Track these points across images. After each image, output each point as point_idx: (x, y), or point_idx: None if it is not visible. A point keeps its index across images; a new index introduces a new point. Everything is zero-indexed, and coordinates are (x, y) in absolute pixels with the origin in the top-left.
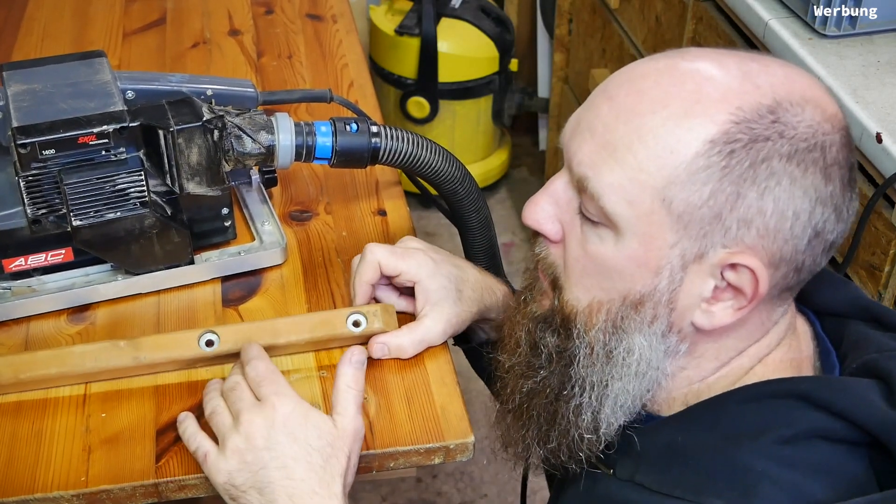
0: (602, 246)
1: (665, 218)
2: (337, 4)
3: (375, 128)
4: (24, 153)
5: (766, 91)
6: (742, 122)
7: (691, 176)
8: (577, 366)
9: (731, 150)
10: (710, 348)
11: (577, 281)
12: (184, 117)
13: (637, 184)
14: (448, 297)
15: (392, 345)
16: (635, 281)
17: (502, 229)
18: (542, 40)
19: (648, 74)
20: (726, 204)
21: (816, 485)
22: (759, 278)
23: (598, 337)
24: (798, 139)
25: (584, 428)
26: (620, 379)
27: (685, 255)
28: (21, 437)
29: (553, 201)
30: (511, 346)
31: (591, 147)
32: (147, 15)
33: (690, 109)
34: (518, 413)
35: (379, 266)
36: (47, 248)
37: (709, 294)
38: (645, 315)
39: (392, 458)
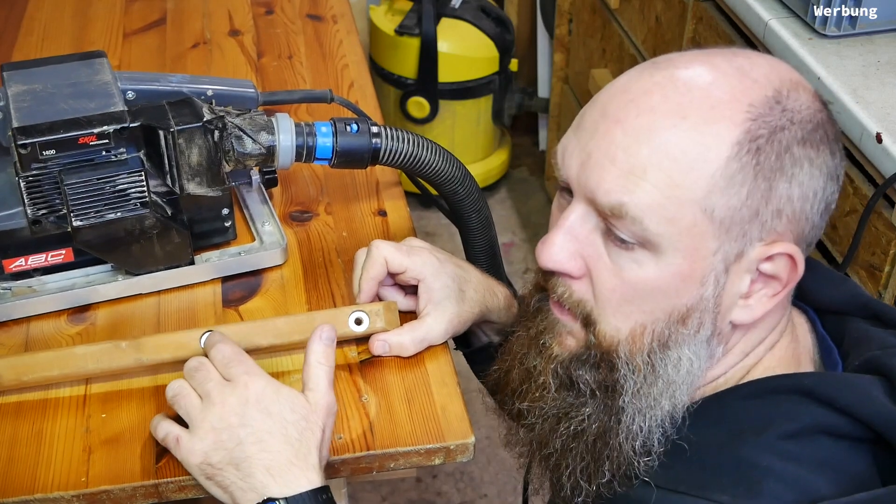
0: (641, 270)
1: (708, 227)
2: (337, 5)
3: (376, 128)
4: (25, 153)
5: (764, 83)
6: (759, 118)
7: (729, 180)
8: (626, 395)
9: (757, 147)
10: (739, 342)
11: (615, 311)
12: (184, 118)
13: (675, 200)
14: (451, 296)
15: (393, 342)
16: (681, 295)
17: (502, 229)
18: (542, 40)
19: (652, 90)
20: (762, 199)
21: (820, 480)
22: (797, 261)
23: (646, 359)
24: (805, 122)
25: (638, 452)
26: (670, 396)
27: (727, 259)
28: (21, 437)
29: (571, 237)
30: (534, 392)
31: (617, 174)
32: (147, 15)
33: (708, 116)
34: (562, 455)
35: (385, 262)
36: (48, 248)
37: (746, 289)
38: (692, 326)
39: (392, 458)
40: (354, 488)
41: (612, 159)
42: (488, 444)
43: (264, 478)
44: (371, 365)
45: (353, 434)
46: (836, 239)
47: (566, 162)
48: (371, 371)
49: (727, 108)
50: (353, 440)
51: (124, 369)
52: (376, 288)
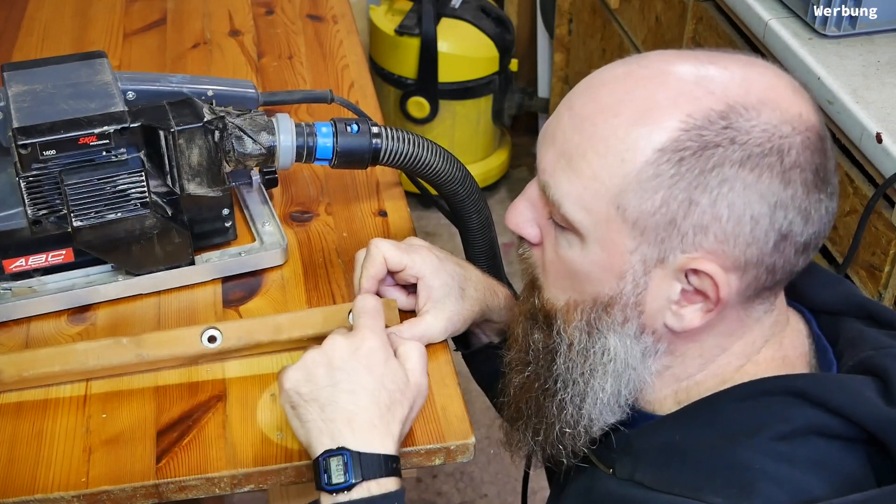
0: (570, 251)
1: (622, 225)
2: (337, 5)
3: (376, 129)
4: (25, 154)
5: (720, 96)
6: (692, 130)
7: (642, 184)
8: (559, 361)
9: (680, 158)
10: (691, 347)
11: (553, 282)
12: (185, 118)
13: (592, 192)
14: (451, 294)
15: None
16: (602, 284)
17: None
18: (542, 40)
19: (606, 82)
20: (679, 210)
21: (814, 481)
22: (718, 283)
23: (576, 335)
24: (752, 144)
25: (565, 423)
26: (599, 377)
27: (646, 261)
28: (21, 437)
29: (531, 205)
30: (511, 341)
31: (552, 155)
32: (147, 15)
33: (641, 117)
34: (513, 407)
35: (384, 260)
36: (48, 248)
37: (676, 297)
38: (616, 317)
39: None
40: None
41: (554, 140)
42: (488, 444)
43: (343, 427)
44: None
45: None
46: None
47: (541, 131)
48: None
49: (663, 112)
50: None
51: (125, 366)
52: (376, 286)
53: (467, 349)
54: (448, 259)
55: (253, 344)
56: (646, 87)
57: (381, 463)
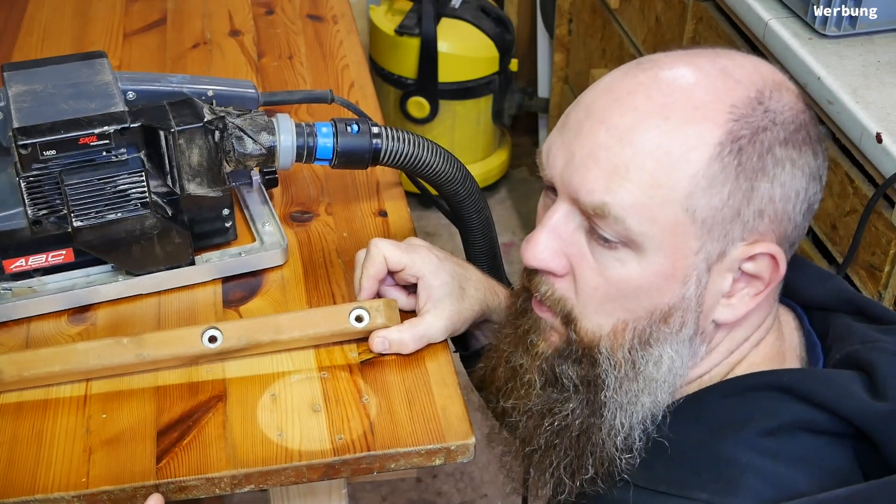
0: (624, 269)
1: (689, 227)
2: (337, 5)
3: (376, 129)
4: (25, 154)
5: (747, 84)
6: (741, 119)
7: (711, 180)
8: (608, 390)
9: (739, 148)
10: (723, 341)
11: (596, 308)
12: (185, 118)
13: (657, 200)
14: (451, 293)
15: (393, 339)
16: (663, 294)
17: (502, 229)
18: (542, 40)
19: (636, 90)
20: (743, 200)
21: (800, 476)
22: (779, 261)
23: (626, 356)
24: (787, 123)
25: (619, 449)
26: (650, 392)
27: (709, 258)
28: (21, 438)
29: (555, 236)
30: (519, 389)
31: (599, 174)
32: (147, 15)
33: (691, 116)
34: (546, 452)
35: (385, 260)
36: (48, 248)
37: (728, 288)
38: (674, 324)
39: (393, 459)
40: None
41: (596, 159)
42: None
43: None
44: (371, 365)
45: (354, 434)
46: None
47: (550, 161)
48: (372, 372)
49: (710, 108)
50: (354, 441)
51: (126, 365)
52: (377, 286)
53: (466, 351)
54: (448, 259)
55: (253, 344)
56: (679, 88)
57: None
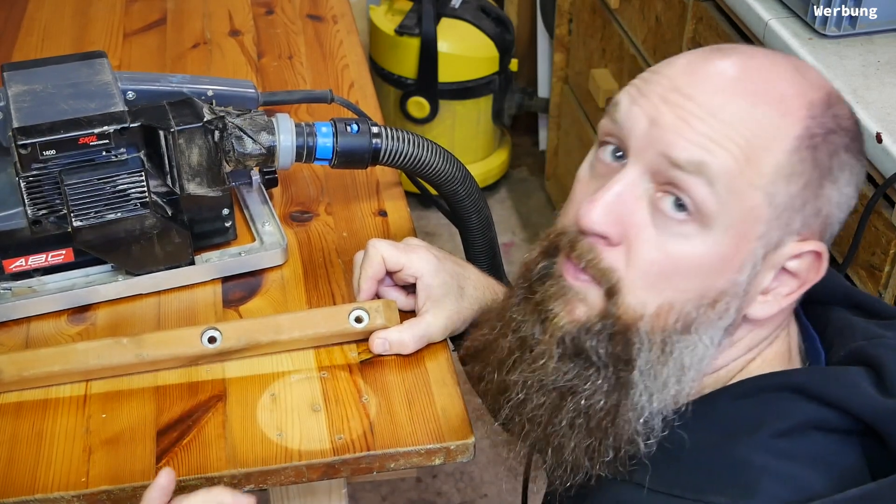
0: (687, 244)
1: (764, 211)
2: (337, 5)
3: (376, 128)
4: (25, 154)
5: (818, 86)
6: (816, 118)
7: (794, 169)
8: (638, 371)
9: (815, 145)
10: (745, 337)
11: (647, 285)
12: (184, 118)
13: (746, 177)
14: (450, 293)
15: (393, 339)
16: (719, 277)
17: (502, 229)
18: (542, 40)
19: (724, 72)
20: (811, 195)
21: (815, 476)
22: (823, 260)
23: (663, 338)
24: (848, 129)
25: (641, 433)
26: (677, 380)
27: (767, 246)
28: (21, 437)
29: (620, 201)
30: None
31: (696, 135)
32: (147, 15)
33: (777, 107)
34: (566, 433)
35: (383, 260)
36: (48, 248)
37: (767, 284)
38: (719, 311)
39: (393, 458)
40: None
41: (690, 124)
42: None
43: None
44: (371, 365)
45: (354, 434)
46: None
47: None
48: (371, 371)
49: (791, 102)
50: (354, 440)
51: (125, 366)
52: (376, 287)
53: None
54: (447, 258)
55: (253, 344)
56: (764, 78)
57: None
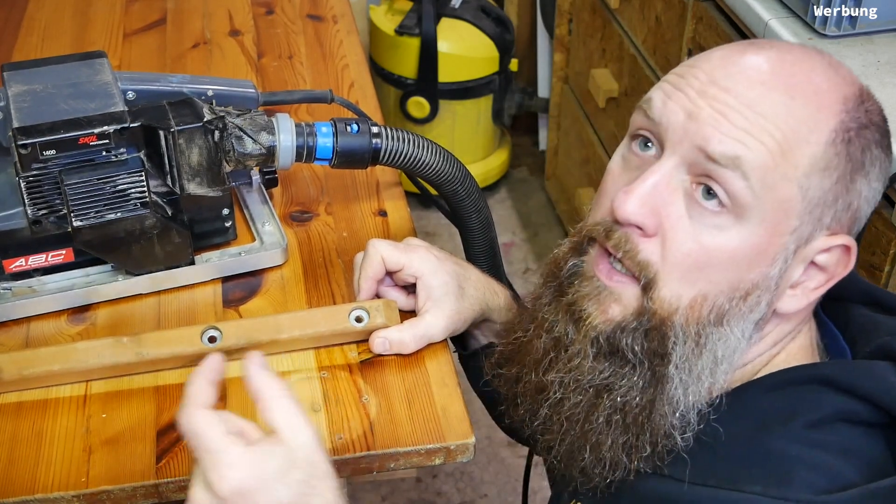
0: (721, 235)
1: (798, 204)
2: (337, 5)
3: (376, 128)
4: (25, 154)
5: (851, 82)
6: (850, 112)
7: (828, 163)
8: (673, 365)
9: (848, 140)
10: (772, 331)
11: (682, 276)
12: (184, 118)
13: (780, 170)
14: (450, 293)
15: (393, 339)
16: (751, 269)
17: (502, 229)
18: (542, 40)
19: (760, 66)
20: (842, 190)
21: (847, 466)
22: (852, 254)
23: (698, 331)
24: (879, 125)
25: (677, 427)
26: (711, 371)
27: (799, 240)
28: (21, 437)
29: (656, 192)
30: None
31: (732, 128)
32: (147, 15)
33: (813, 100)
34: (603, 430)
35: (383, 260)
36: (48, 248)
37: (797, 277)
38: (751, 304)
39: (393, 458)
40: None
41: (727, 117)
42: (488, 444)
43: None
44: (371, 365)
45: (354, 434)
46: None
47: (669, 108)
48: (371, 371)
49: (827, 96)
50: (354, 440)
51: (126, 365)
52: (376, 287)
53: (465, 351)
54: (447, 258)
55: (253, 343)
56: (801, 71)
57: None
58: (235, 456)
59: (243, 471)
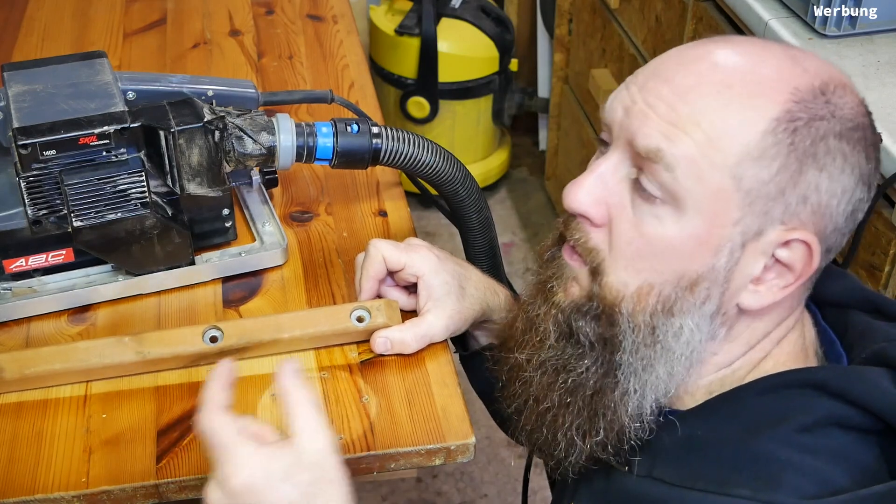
0: (661, 226)
1: (733, 195)
2: (337, 5)
3: (376, 129)
4: (25, 154)
5: (814, 74)
6: (801, 102)
7: (763, 152)
8: (623, 352)
9: (794, 129)
10: (744, 331)
11: (627, 264)
12: (185, 118)
13: (708, 160)
14: (451, 292)
15: (395, 339)
16: (693, 260)
17: (502, 229)
18: (542, 40)
19: (704, 58)
20: (790, 180)
21: (837, 471)
22: (813, 252)
23: (647, 320)
24: (846, 119)
25: (630, 416)
26: (665, 363)
27: (746, 233)
28: (22, 437)
29: (600, 183)
30: (534, 341)
31: (659, 122)
32: (147, 15)
33: (753, 90)
34: (559, 410)
35: (384, 260)
36: (48, 248)
37: (758, 273)
38: (699, 296)
39: (393, 459)
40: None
41: (656, 110)
42: (488, 444)
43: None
44: (372, 366)
45: (354, 434)
46: None
47: (612, 106)
48: (372, 372)
49: (772, 86)
50: (354, 441)
51: (127, 364)
52: (377, 287)
53: (465, 351)
54: (448, 258)
55: (255, 343)
56: (747, 64)
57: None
58: (246, 454)
59: (252, 468)
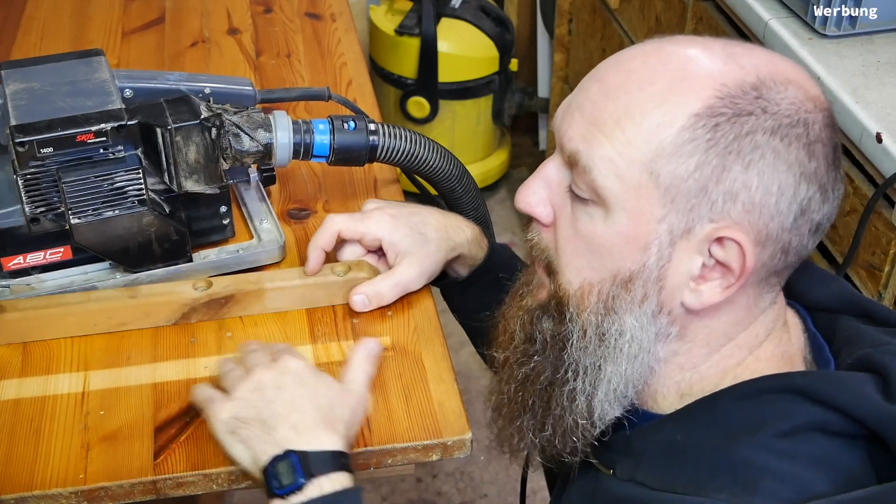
0: (592, 224)
1: (653, 192)
2: (335, 3)
3: (373, 126)
4: (23, 151)
5: (750, 70)
6: (726, 98)
7: (677, 148)
8: (571, 349)
9: (715, 124)
10: (700, 333)
11: (568, 262)
12: (182, 115)
13: (626, 158)
14: (414, 242)
15: (370, 292)
16: (624, 258)
17: (502, 229)
18: (542, 40)
19: (636, 56)
20: (712, 176)
21: (817, 477)
22: (745, 252)
23: (591, 319)
24: (781, 115)
25: (578, 413)
26: (613, 361)
27: (673, 230)
28: (20, 434)
29: (545, 184)
30: (505, 340)
31: (581, 124)
32: (146, 14)
33: (675, 86)
34: (513, 402)
35: (337, 233)
36: (46, 246)
37: (697, 272)
38: (635, 294)
39: (390, 454)
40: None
41: (582, 111)
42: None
43: (288, 433)
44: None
45: None
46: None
47: (557, 113)
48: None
49: (697, 82)
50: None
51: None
52: (323, 256)
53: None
54: (402, 213)
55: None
56: (678, 60)
57: (329, 459)
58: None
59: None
